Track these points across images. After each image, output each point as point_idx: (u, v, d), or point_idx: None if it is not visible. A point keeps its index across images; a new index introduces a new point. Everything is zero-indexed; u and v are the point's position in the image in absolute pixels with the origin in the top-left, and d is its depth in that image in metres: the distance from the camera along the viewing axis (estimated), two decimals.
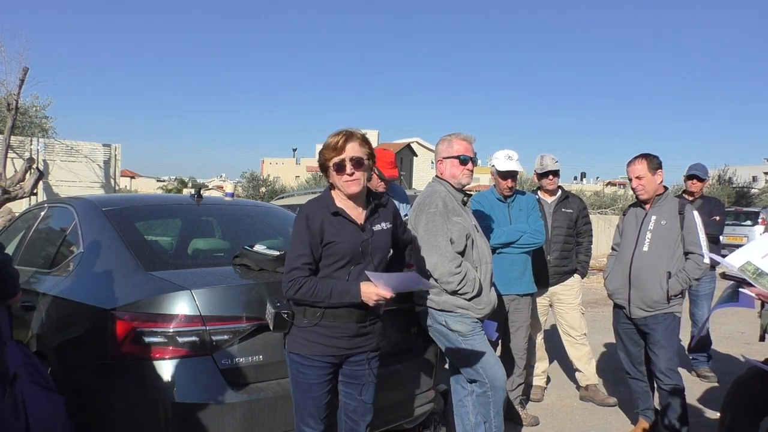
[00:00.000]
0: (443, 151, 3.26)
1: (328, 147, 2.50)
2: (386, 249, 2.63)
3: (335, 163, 2.48)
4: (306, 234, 2.45)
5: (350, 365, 2.59)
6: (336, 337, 2.49)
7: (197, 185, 30.15)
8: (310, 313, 2.47)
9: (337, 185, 2.52)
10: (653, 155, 3.82)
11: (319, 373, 2.50)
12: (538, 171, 4.75)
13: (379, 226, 2.59)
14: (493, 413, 3.14)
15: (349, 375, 2.60)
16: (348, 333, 2.51)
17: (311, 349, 2.48)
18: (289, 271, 2.44)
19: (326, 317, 2.46)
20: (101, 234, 3.28)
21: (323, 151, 2.53)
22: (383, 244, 2.60)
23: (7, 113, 11.56)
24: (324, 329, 2.47)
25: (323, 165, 2.55)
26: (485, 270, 3.20)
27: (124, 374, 2.64)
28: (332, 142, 2.49)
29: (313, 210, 2.51)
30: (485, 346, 3.15)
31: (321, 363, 2.50)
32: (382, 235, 2.60)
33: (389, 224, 2.64)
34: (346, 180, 2.48)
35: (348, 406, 2.63)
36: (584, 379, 4.86)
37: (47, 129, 17.95)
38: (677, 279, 3.68)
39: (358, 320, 2.51)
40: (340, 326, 2.49)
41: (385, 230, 2.62)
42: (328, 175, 2.54)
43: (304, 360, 2.49)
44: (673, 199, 3.91)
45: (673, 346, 3.75)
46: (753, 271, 2.63)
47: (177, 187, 40.99)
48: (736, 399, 3.00)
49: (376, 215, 2.61)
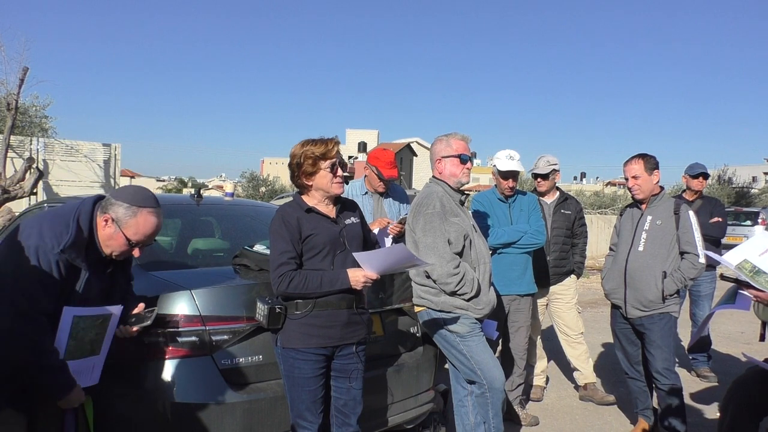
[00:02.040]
0: (442, 150, 3.26)
1: (317, 151, 2.61)
2: (360, 239, 2.77)
3: (331, 164, 2.61)
4: (285, 232, 2.57)
5: (340, 359, 2.66)
6: (328, 327, 2.58)
7: (197, 185, 30.15)
8: (301, 306, 2.56)
9: (324, 186, 2.64)
10: (650, 155, 3.82)
11: (313, 366, 2.57)
12: (534, 171, 4.78)
13: (350, 220, 2.75)
14: (491, 414, 3.14)
15: (338, 369, 2.67)
16: (339, 321, 2.60)
17: (306, 341, 2.55)
18: (277, 267, 2.53)
19: (318, 306, 2.56)
20: None
21: (310, 154, 2.61)
22: (356, 234, 2.75)
23: (7, 113, 11.54)
24: (317, 319, 2.56)
25: (302, 167, 2.63)
26: (484, 270, 3.21)
27: (123, 374, 2.64)
28: (323, 146, 2.62)
29: (287, 211, 2.64)
30: (484, 348, 3.16)
31: (315, 356, 2.57)
32: (354, 227, 2.76)
33: (357, 219, 2.80)
34: (337, 181, 2.63)
35: (339, 400, 2.69)
36: (582, 378, 4.87)
37: (47, 129, 17.96)
38: (672, 279, 3.69)
39: (349, 306, 2.61)
40: (331, 314, 2.58)
41: (356, 223, 2.78)
42: (304, 176, 2.64)
43: (298, 354, 2.55)
44: (669, 199, 3.91)
45: (670, 346, 3.75)
46: (750, 269, 2.63)
47: (177, 187, 41.02)
48: (735, 399, 3.00)
49: (344, 212, 2.76)
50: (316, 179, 2.64)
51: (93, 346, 2.36)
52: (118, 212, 2.29)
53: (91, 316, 2.31)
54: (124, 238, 2.30)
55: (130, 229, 2.30)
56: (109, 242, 2.32)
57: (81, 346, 2.32)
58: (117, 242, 2.32)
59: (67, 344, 2.26)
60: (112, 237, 2.31)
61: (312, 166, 2.62)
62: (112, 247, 2.33)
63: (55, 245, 2.18)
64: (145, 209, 2.32)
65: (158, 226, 2.38)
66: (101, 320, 2.36)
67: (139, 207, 2.31)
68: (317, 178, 2.63)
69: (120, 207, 2.30)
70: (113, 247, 2.33)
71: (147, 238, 2.37)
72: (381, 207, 4.29)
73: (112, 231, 2.30)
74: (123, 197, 2.33)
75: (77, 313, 2.26)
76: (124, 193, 2.36)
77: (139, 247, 2.37)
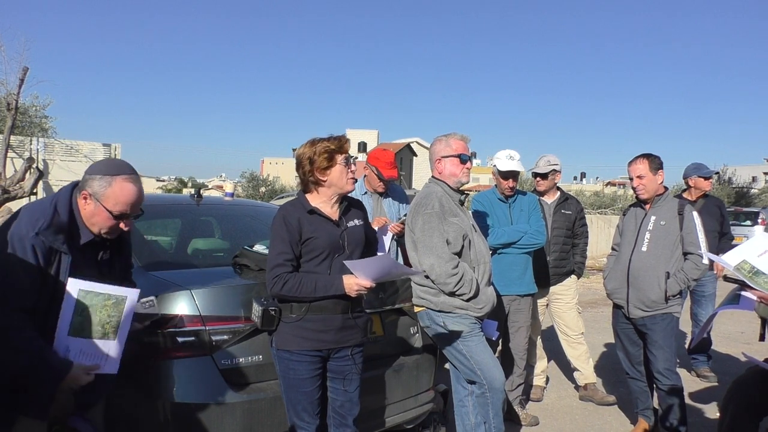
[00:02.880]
0: (442, 150, 3.26)
1: (332, 145, 2.60)
2: (362, 243, 2.73)
3: (345, 158, 2.62)
4: (285, 232, 2.55)
5: (336, 360, 2.64)
6: (322, 331, 2.56)
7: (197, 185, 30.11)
8: (296, 308, 2.54)
9: (338, 182, 2.62)
10: (654, 155, 3.82)
11: (308, 368, 2.56)
12: (534, 170, 4.77)
13: (353, 222, 2.71)
14: (492, 414, 3.14)
15: (334, 370, 2.65)
16: (334, 326, 2.58)
17: (299, 344, 2.54)
18: (272, 268, 2.52)
19: (312, 311, 2.54)
20: None
21: (325, 149, 2.59)
22: (358, 238, 2.71)
23: (6, 113, 11.55)
24: (310, 323, 2.54)
25: (315, 163, 2.59)
26: (483, 270, 3.20)
27: (123, 374, 2.63)
28: (336, 141, 2.62)
29: (289, 210, 2.62)
30: (483, 348, 3.16)
31: (309, 358, 2.56)
32: (356, 230, 2.71)
33: (361, 221, 2.76)
34: (350, 177, 2.63)
35: (335, 401, 2.68)
36: (583, 378, 4.87)
37: (47, 129, 17.94)
38: (676, 279, 3.68)
39: (344, 311, 2.59)
40: (326, 319, 2.56)
41: (359, 226, 2.73)
42: (318, 172, 2.60)
43: (292, 356, 2.54)
44: (672, 199, 3.90)
45: (672, 347, 3.75)
46: (749, 269, 2.62)
47: (177, 187, 40.99)
48: (735, 399, 3.00)
49: (349, 213, 2.72)
50: (331, 174, 2.61)
51: (105, 328, 2.23)
52: (94, 186, 2.22)
53: (100, 294, 2.20)
54: (105, 211, 2.21)
55: (109, 200, 2.21)
56: (93, 220, 2.24)
57: (89, 325, 2.19)
58: (100, 217, 2.23)
59: (72, 319, 2.16)
60: (94, 213, 2.23)
61: (328, 161, 2.59)
62: (97, 225, 2.25)
63: (30, 230, 2.10)
64: (119, 177, 2.23)
65: (138, 192, 2.28)
66: (114, 301, 2.24)
67: (112, 176, 2.23)
68: (333, 173, 2.61)
69: (94, 180, 2.22)
70: (98, 224, 2.25)
71: (129, 208, 2.26)
72: (380, 207, 4.29)
73: (92, 207, 2.22)
74: (96, 170, 2.26)
75: (83, 287, 2.16)
76: (97, 166, 2.30)
77: (125, 220, 2.28)
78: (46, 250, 2.12)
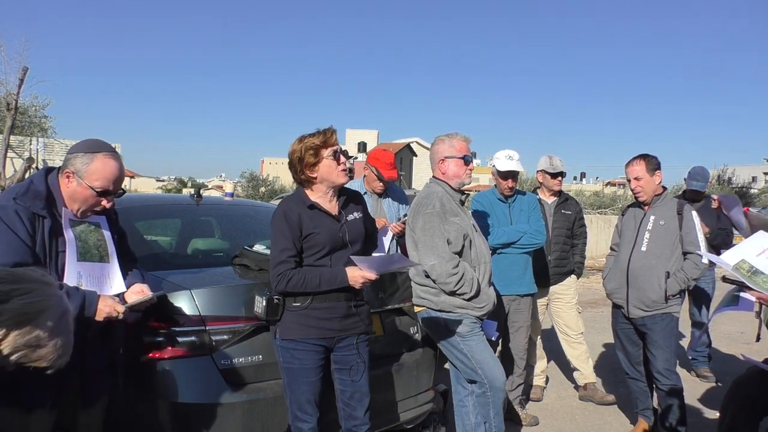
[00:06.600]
0: (445, 150, 3.25)
1: (317, 141, 2.60)
2: (362, 236, 2.76)
3: (333, 152, 2.61)
4: (286, 229, 2.56)
5: (340, 351, 2.65)
6: (327, 319, 2.58)
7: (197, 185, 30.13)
8: (300, 297, 2.57)
9: (328, 176, 2.63)
10: (652, 156, 3.81)
11: (313, 357, 2.57)
12: (550, 171, 4.69)
13: (352, 215, 2.73)
14: (492, 413, 3.14)
15: (339, 361, 2.66)
16: (338, 314, 2.60)
17: (304, 332, 2.55)
18: (276, 265, 2.53)
19: (316, 299, 2.56)
20: None
21: (310, 145, 2.60)
22: (358, 232, 2.73)
23: (6, 113, 11.56)
24: (315, 312, 2.57)
25: (304, 161, 2.61)
26: (484, 270, 3.21)
27: (123, 374, 2.64)
28: (321, 136, 2.62)
29: (289, 206, 2.63)
30: (484, 347, 3.16)
31: (314, 347, 2.57)
32: (356, 224, 2.73)
33: (360, 214, 2.78)
34: (341, 169, 2.63)
35: (344, 393, 2.68)
36: (582, 378, 4.87)
37: (47, 129, 17.97)
38: (675, 279, 3.68)
39: (347, 299, 2.62)
40: (330, 307, 2.58)
41: (358, 219, 2.75)
42: (308, 169, 2.62)
43: (297, 345, 2.56)
44: (672, 199, 3.90)
45: (671, 347, 3.75)
46: (747, 269, 2.62)
47: (176, 187, 41.02)
48: (735, 399, 3.00)
49: (348, 206, 2.73)
50: (320, 170, 2.62)
51: (100, 251, 2.38)
52: (76, 164, 2.29)
53: (81, 221, 2.34)
54: (88, 188, 2.28)
55: (92, 176, 2.28)
56: (75, 197, 2.30)
57: (89, 248, 2.34)
58: (83, 194, 2.30)
59: (77, 245, 2.29)
60: (77, 191, 2.30)
61: (314, 157, 2.61)
62: (78, 202, 2.32)
63: (8, 199, 2.19)
64: (100, 153, 2.31)
65: (119, 169, 2.35)
66: (93, 228, 2.39)
67: (94, 153, 2.30)
68: (321, 168, 2.62)
69: (76, 158, 2.30)
70: (79, 200, 2.31)
71: (111, 184, 2.33)
72: (380, 207, 4.29)
73: (75, 184, 2.29)
74: (77, 149, 2.34)
75: (70, 216, 2.30)
76: (78, 146, 2.37)
77: (107, 197, 2.35)
78: (30, 215, 2.20)
